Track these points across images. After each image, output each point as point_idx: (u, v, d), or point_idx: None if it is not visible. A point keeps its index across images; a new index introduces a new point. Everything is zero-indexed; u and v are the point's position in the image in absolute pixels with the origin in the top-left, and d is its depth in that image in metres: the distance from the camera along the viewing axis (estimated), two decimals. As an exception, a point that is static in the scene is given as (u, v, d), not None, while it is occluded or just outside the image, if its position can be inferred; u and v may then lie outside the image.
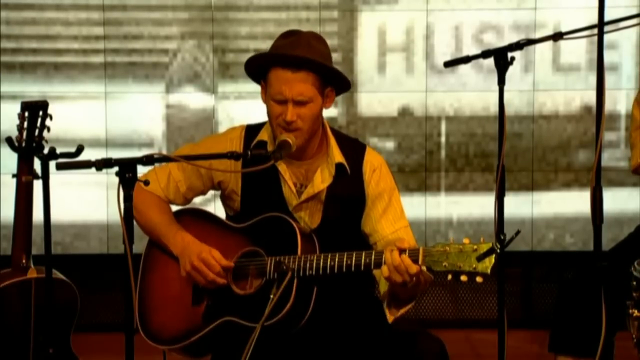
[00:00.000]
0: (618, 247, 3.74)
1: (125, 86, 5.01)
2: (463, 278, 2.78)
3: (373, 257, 2.89)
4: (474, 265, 2.75)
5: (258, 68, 3.09)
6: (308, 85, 3.01)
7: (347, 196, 3.13)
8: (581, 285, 3.61)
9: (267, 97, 3.08)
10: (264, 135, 3.16)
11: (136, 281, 3.13)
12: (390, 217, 3.14)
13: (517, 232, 2.74)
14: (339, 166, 3.13)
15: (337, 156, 3.13)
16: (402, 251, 2.84)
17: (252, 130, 3.20)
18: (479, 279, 2.77)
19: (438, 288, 5.07)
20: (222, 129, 4.84)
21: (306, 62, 3.00)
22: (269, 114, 3.08)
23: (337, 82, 3.11)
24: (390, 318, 3.01)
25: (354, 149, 3.19)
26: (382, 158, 3.22)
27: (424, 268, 2.85)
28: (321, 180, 3.12)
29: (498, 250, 2.74)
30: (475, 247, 2.77)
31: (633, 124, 3.79)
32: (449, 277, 2.79)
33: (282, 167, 3.11)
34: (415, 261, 2.82)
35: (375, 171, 3.16)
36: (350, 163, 3.14)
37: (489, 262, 2.75)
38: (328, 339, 3.05)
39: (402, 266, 2.81)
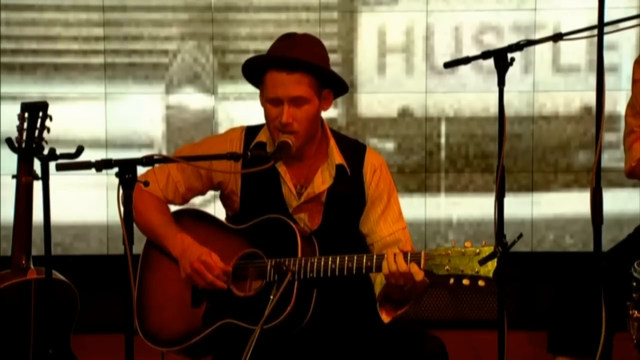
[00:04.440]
0: (617, 248, 3.74)
1: (125, 87, 5.01)
2: (465, 282, 2.78)
3: (374, 260, 2.89)
4: (476, 269, 2.75)
5: (255, 71, 3.09)
6: (303, 87, 3.01)
7: (348, 197, 3.14)
8: (579, 285, 3.61)
9: (263, 100, 3.08)
10: (262, 137, 3.17)
11: (135, 282, 3.12)
12: (389, 218, 3.14)
13: (520, 236, 2.74)
14: (339, 167, 3.13)
15: (337, 157, 3.13)
16: (404, 255, 2.84)
17: (251, 131, 3.21)
18: (481, 283, 2.77)
19: (438, 289, 5.07)
20: (222, 130, 4.84)
21: (301, 64, 3.00)
22: (266, 117, 3.09)
23: (334, 84, 3.10)
24: (386, 319, 3.01)
25: (354, 150, 3.19)
26: (382, 158, 3.22)
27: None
28: (321, 181, 3.13)
29: (500, 254, 2.74)
30: (477, 250, 2.77)
31: (625, 128, 3.81)
32: (451, 281, 2.79)
33: (282, 168, 3.11)
34: (418, 265, 2.82)
35: (376, 172, 3.16)
36: (351, 164, 3.14)
37: (491, 266, 2.75)
38: (329, 340, 3.05)
39: (407, 272, 2.81)
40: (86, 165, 2.69)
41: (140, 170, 2.69)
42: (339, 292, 3.06)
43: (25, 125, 3.47)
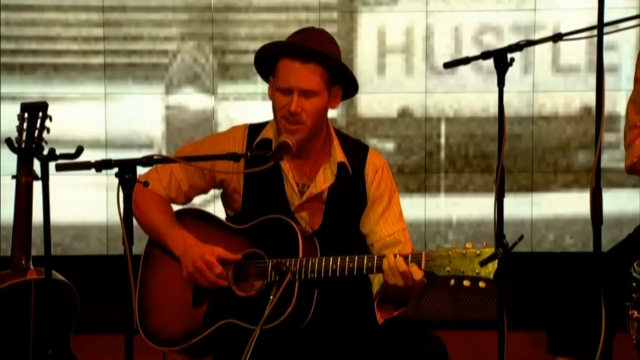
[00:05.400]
0: (617, 248, 3.74)
1: (125, 87, 5.01)
2: (466, 283, 2.77)
3: (375, 261, 2.89)
4: (477, 270, 2.75)
5: (267, 60, 3.08)
6: (316, 77, 3.01)
7: (349, 196, 3.14)
8: (579, 286, 3.61)
9: (273, 90, 3.07)
10: (269, 133, 3.16)
11: (136, 282, 3.12)
12: (389, 219, 3.14)
13: (521, 238, 2.74)
14: (340, 165, 3.13)
15: (339, 155, 3.13)
16: (405, 256, 2.84)
17: (255, 129, 3.20)
18: (481, 284, 2.77)
19: (438, 289, 5.07)
20: (221, 130, 4.83)
21: (316, 54, 3.00)
22: (274, 107, 3.08)
23: (345, 82, 3.10)
24: (380, 319, 3.01)
25: (356, 149, 3.20)
26: (384, 159, 3.22)
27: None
28: (323, 179, 3.13)
29: (501, 256, 2.74)
30: (478, 252, 2.77)
31: (627, 124, 3.79)
32: (452, 282, 2.79)
33: (285, 166, 3.11)
34: (418, 266, 2.82)
35: (377, 172, 3.16)
36: (353, 163, 3.14)
37: (492, 267, 2.75)
38: (330, 340, 3.06)
39: (407, 272, 2.81)
40: (86, 166, 2.69)
41: (140, 170, 2.69)
42: (341, 293, 3.06)
43: (25, 125, 3.47)
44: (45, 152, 3.25)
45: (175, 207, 3.27)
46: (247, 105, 4.94)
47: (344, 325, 3.08)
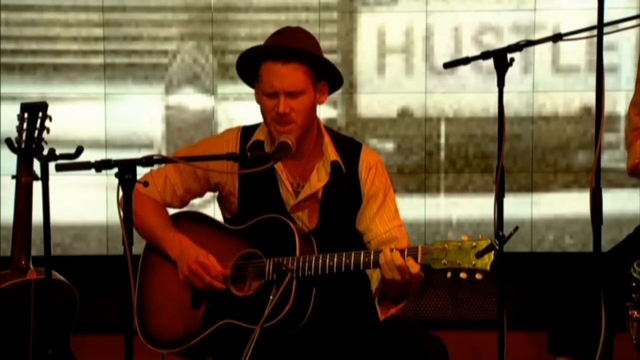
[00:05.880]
0: (617, 249, 3.74)
1: (125, 87, 5.01)
2: (462, 275, 2.78)
3: (372, 256, 2.90)
4: (473, 262, 2.76)
5: (250, 66, 3.09)
6: (299, 75, 3.02)
7: (344, 195, 3.14)
8: (579, 286, 3.61)
9: (259, 95, 3.08)
10: (260, 135, 3.17)
11: (135, 285, 3.12)
12: (385, 216, 3.15)
13: (516, 228, 2.75)
14: (334, 164, 3.13)
15: (332, 154, 3.13)
16: (401, 250, 2.84)
17: (247, 131, 3.21)
18: (478, 276, 2.78)
19: (438, 289, 5.07)
20: (221, 130, 4.82)
21: (296, 53, 3.01)
22: (262, 112, 3.09)
23: (330, 76, 3.10)
24: (381, 316, 3.01)
25: (349, 147, 3.20)
26: (378, 156, 3.22)
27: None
28: (317, 179, 3.13)
29: (497, 247, 2.75)
30: (474, 244, 2.78)
31: (629, 125, 3.79)
32: (448, 274, 2.80)
33: (279, 167, 3.11)
34: (415, 259, 2.83)
35: (371, 170, 3.16)
36: (346, 161, 3.14)
37: (488, 259, 2.76)
38: (328, 339, 3.06)
39: (403, 265, 2.82)
40: (86, 166, 2.69)
41: (140, 170, 2.69)
42: (339, 291, 3.07)
43: (25, 125, 3.47)
44: (45, 152, 3.25)
45: (172, 210, 3.27)
46: (247, 105, 4.93)
47: (343, 325, 3.08)
